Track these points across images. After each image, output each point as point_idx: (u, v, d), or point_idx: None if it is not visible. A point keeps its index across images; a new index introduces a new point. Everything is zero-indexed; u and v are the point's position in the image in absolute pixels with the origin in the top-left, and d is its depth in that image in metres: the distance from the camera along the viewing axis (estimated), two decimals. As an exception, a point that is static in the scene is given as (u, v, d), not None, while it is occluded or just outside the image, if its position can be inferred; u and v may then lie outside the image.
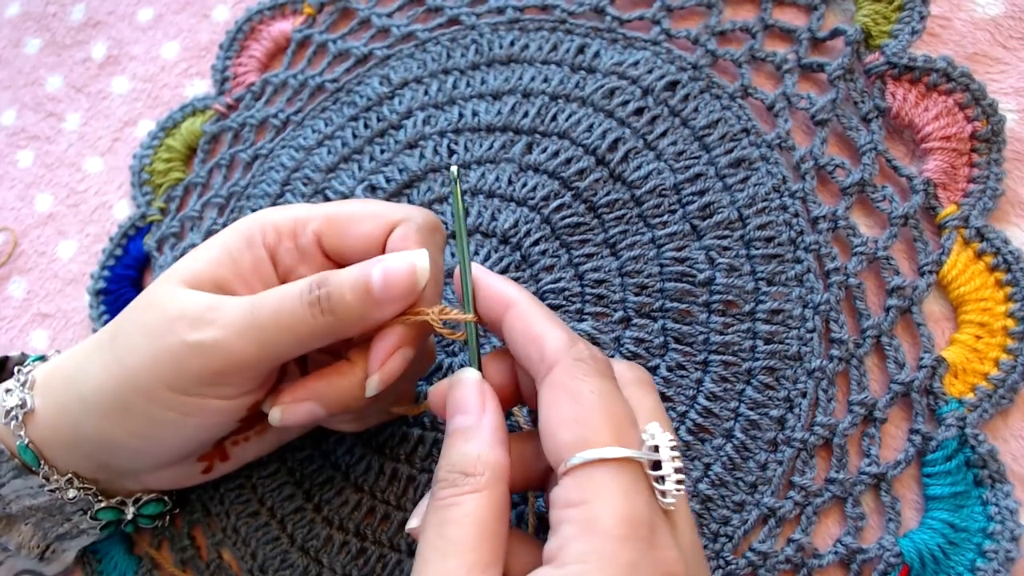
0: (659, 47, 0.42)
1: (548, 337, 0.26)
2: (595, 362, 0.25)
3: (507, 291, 0.27)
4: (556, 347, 0.25)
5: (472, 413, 0.26)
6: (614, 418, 0.24)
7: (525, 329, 0.26)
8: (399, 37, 0.48)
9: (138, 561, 0.40)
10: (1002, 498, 0.31)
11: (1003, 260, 0.34)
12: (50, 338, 0.49)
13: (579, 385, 0.24)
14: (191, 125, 0.51)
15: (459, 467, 0.25)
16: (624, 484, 0.23)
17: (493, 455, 0.25)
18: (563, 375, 0.25)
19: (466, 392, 0.27)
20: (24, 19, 0.59)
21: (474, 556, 0.23)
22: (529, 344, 0.26)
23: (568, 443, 0.23)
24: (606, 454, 0.23)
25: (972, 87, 0.36)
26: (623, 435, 0.23)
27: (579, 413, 0.24)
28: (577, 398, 0.24)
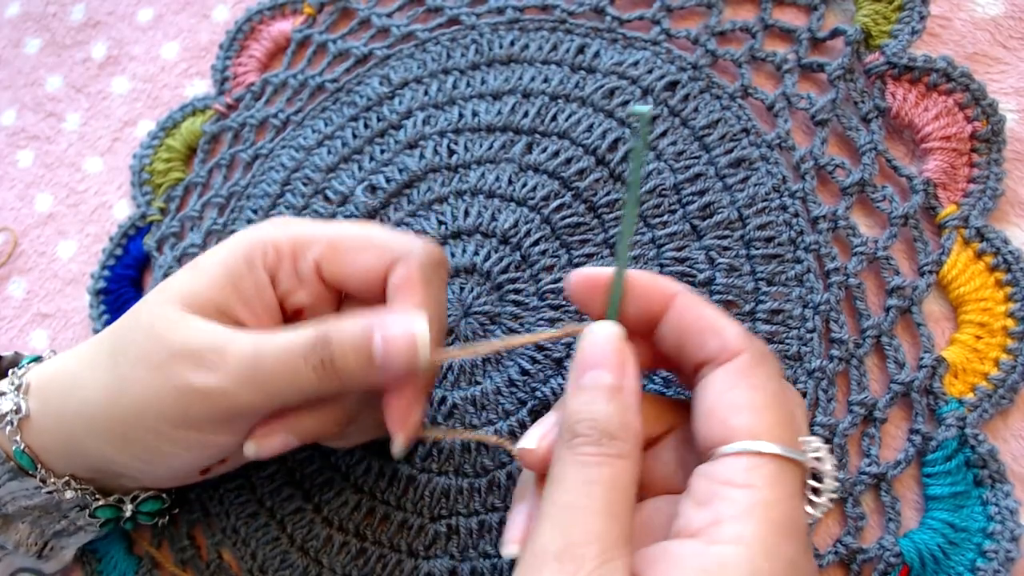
0: (659, 47, 0.42)
1: (729, 327, 0.25)
2: (774, 361, 0.25)
3: (668, 282, 0.27)
4: (739, 336, 0.25)
5: (613, 372, 0.25)
6: (790, 421, 0.24)
7: (701, 316, 0.26)
8: (399, 37, 0.48)
9: (138, 561, 0.40)
10: (1002, 498, 0.31)
11: (1003, 260, 0.34)
12: (50, 338, 0.49)
13: (761, 378, 0.24)
14: (191, 125, 0.51)
15: (603, 426, 0.24)
16: (793, 485, 0.23)
17: (635, 422, 0.25)
18: (747, 364, 0.24)
19: (608, 347, 0.26)
20: (24, 19, 0.59)
21: (624, 524, 0.23)
22: (705, 332, 0.25)
23: (741, 428, 0.23)
24: (782, 451, 0.23)
25: (972, 87, 0.36)
26: (792, 437, 0.23)
27: (758, 403, 0.24)
28: (758, 389, 0.24)
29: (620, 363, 0.25)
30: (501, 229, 0.39)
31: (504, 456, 0.36)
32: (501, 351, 0.29)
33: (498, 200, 0.40)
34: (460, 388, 0.38)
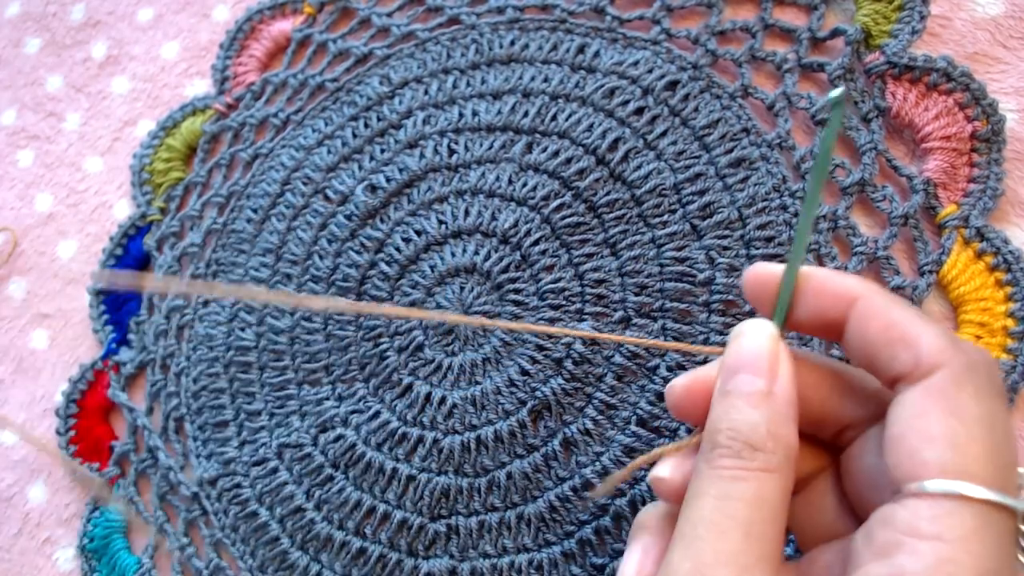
0: (659, 47, 0.42)
1: (925, 336, 0.21)
2: (989, 378, 0.21)
3: (849, 283, 0.23)
4: (939, 348, 0.21)
5: (763, 376, 0.22)
6: (997, 453, 0.19)
7: (889, 323, 0.22)
8: (399, 37, 0.48)
9: (138, 561, 0.40)
10: (1002, 498, 0.31)
11: (1003, 260, 0.34)
12: (50, 338, 0.49)
13: (967, 402, 0.20)
14: (191, 125, 0.51)
15: (746, 437, 0.21)
16: (994, 536, 0.19)
17: (786, 433, 0.21)
18: (948, 384, 0.20)
19: (758, 348, 0.23)
20: (24, 19, 0.59)
21: (761, 544, 0.20)
22: (896, 342, 0.21)
23: (933, 464, 0.19)
24: (980, 493, 0.19)
25: (972, 87, 0.36)
26: (1005, 477, 0.19)
27: (958, 435, 0.19)
28: (960, 416, 0.20)
29: (772, 366, 0.22)
30: (501, 229, 0.39)
31: (504, 456, 0.36)
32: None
33: (498, 200, 0.40)
34: (460, 388, 0.38)
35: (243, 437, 0.42)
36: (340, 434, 0.39)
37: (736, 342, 0.23)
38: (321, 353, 0.41)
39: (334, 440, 0.39)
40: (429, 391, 0.38)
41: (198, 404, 0.44)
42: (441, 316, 0.32)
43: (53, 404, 0.47)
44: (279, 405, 0.41)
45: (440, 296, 0.39)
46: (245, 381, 0.43)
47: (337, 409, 0.40)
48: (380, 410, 0.39)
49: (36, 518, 0.45)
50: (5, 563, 0.44)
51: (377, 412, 0.39)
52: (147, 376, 0.46)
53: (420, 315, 0.37)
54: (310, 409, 0.40)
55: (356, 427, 0.39)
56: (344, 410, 0.39)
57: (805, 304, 0.23)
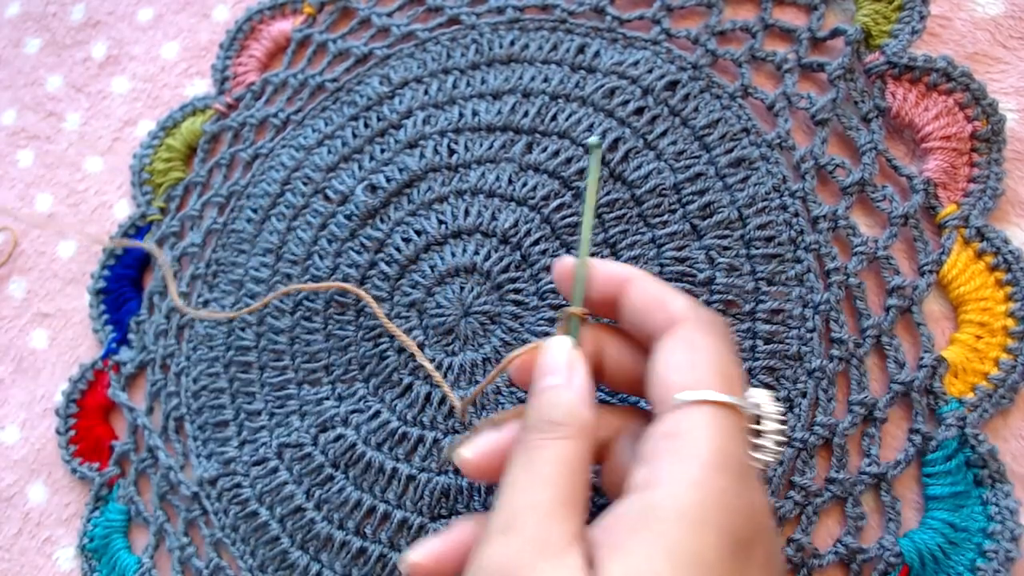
0: (659, 47, 0.42)
1: (675, 300, 0.27)
2: (715, 324, 0.26)
3: (624, 268, 0.29)
4: (683, 306, 0.27)
5: (561, 374, 0.27)
6: (726, 371, 0.25)
7: (648, 293, 0.27)
8: (399, 37, 0.48)
9: (138, 561, 0.40)
10: (1002, 498, 0.31)
11: (1003, 260, 0.34)
12: (50, 338, 0.49)
13: (699, 339, 0.25)
14: (191, 125, 0.51)
15: (548, 416, 0.26)
16: (723, 424, 0.23)
17: (583, 412, 0.26)
18: (687, 330, 0.26)
19: (557, 356, 0.27)
20: (24, 19, 0.59)
21: (563, 491, 0.24)
22: (654, 308, 0.27)
23: (677, 384, 0.24)
24: (710, 396, 0.24)
25: (972, 87, 0.36)
26: (731, 386, 0.24)
27: (694, 360, 0.25)
28: (694, 348, 0.25)
29: (569, 367, 0.27)
30: (501, 229, 0.39)
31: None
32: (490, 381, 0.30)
33: (498, 200, 0.40)
34: (459, 388, 0.38)
35: (243, 437, 0.42)
36: (340, 434, 0.39)
37: (542, 356, 0.28)
38: (321, 353, 0.41)
39: (334, 440, 0.39)
40: (429, 391, 0.38)
41: (198, 404, 0.44)
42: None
43: (53, 404, 0.47)
44: (279, 405, 0.41)
45: (440, 296, 0.39)
46: (245, 381, 0.43)
47: (337, 409, 0.40)
48: (380, 410, 0.39)
49: (36, 518, 0.45)
50: (5, 563, 0.44)
51: (377, 412, 0.39)
52: (147, 376, 0.46)
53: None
54: (310, 409, 0.40)
55: (356, 427, 0.39)
56: (344, 410, 0.39)
57: (596, 289, 0.29)
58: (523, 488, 0.24)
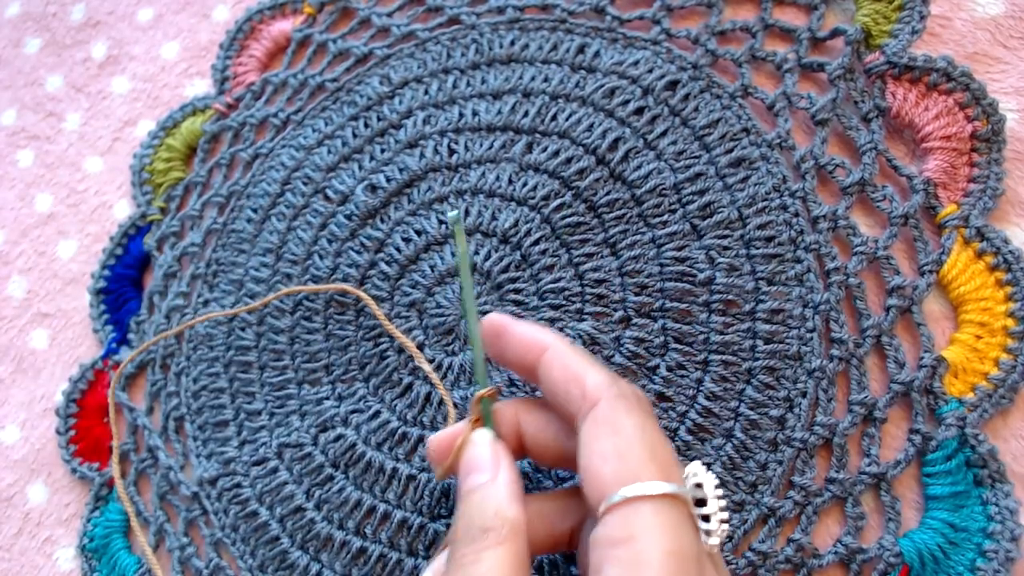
0: (659, 47, 0.42)
1: (590, 375, 0.26)
2: (637, 399, 0.25)
3: (540, 335, 0.28)
4: (598, 383, 0.25)
5: (486, 471, 0.26)
6: (658, 454, 0.23)
7: (564, 368, 0.26)
8: (399, 37, 0.48)
9: (138, 561, 0.40)
10: (1002, 498, 0.31)
11: (1003, 260, 0.34)
12: (50, 338, 0.49)
13: (622, 420, 0.24)
14: (191, 125, 0.51)
15: (477, 523, 0.25)
16: (671, 520, 0.22)
17: (511, 510, 0.25)
18: (606, 410, 0.24)
19: (480, 451, 0.27)
20: (24, 19, 0.59)
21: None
22: (570, 382, 0.26)
23: (611, 478, 0.23)
24: (651, 489, 0.22)
25: (972, 87, 0.36)
26: (667, 471, 0.23)
27: (622, 448, 0.23)
28: (620, 432, 0.24)
29: (493, 462, 0.27)
30: (501, 229, 0.39)
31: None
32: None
33: (498, 200, 0.40)
34: (460, 388, 0.38)
35: (243, 437, 0.42)
36: (340, 434, 0.39)
37: (465, 452, 0.28)
38: (321, 353, 0.41)
39: (334, 440, 0.39)
40: (429, 391, 0.38)
41: (198, 404, 0.44)
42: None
43: (53, 404, 0.47)
44: (279, 405, 0.41)
45: (440, 296, 0.39)
46: (245, 381, 0.43)
47: (337, 409, 0.40)
48: (380, 410, 0.39)
49: (36, 518, 0.45)
50: (5, 563, 0.44)
51: (377, 412, 0.39)
52: (147, 376, 0.46)
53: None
54: (310, 409, 0.40)
55: (356, 427, 0.39)
56: (344, 410, 0.39)
57: (509, 351, 0.28)
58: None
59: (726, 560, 0.33)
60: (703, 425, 0.35)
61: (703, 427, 0.35)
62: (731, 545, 0.33)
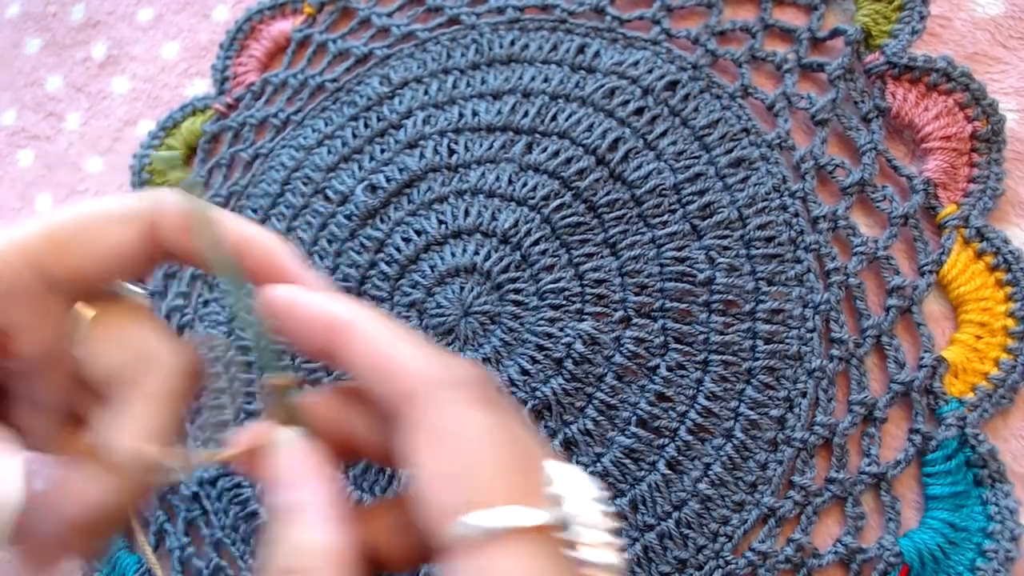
0: (659, 47, 0.42)
1: (407, 362, 0.19)
2: (473, 387, 0.19)
3: (337, 308, 0.20)
4: (415, 372, 0.19)
5: (295, 486, 0.19)
6: (508, 465, 0.18)
7: (372, 357, 0.19)
8: (399, 37, 0.48)
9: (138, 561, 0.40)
10: (1002, 498, 0.31)
11: (1003, 260, 0.34)
12: (50, 338, 0.49)
13: (458, 423, 0.18)
14: (191, 125, 0.51)
15: (289, 564, 0.18)
16: (533, 560, 0.16)
17: (329, 539, 0.18)
18: (432, 412, 0.18)
19: (285, 461, 0.20)
20: (24, 19, 0.59)
21: None
22: (381, 376, 0.19)
23: (449, 508, 0.17)
24: (505, 520, 0.16)
25: (972, 87, 0.36)
26: (524, 487, 0.17)
27: (459, 464, 0.17)
28: (456, 442, 0.18)
29: (301, 473, 0.19)
30: (501, 229, 0.39)
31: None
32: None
33: (498, 200, 0.40)
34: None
35: (243, 437, 0.42)
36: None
37: (268, 461, 0.20)
38: (321, 353, 0.41)
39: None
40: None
41: (198, 404, 0.44)
42: None
43: (53, 404, 0.47)
44: (279, 405, 0.41)
45: (440, 296, 0.39)
46: (245, 381, 0.43)
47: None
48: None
49: (36, 518, 0.45)
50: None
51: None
52: (147, 376, 0.45)
53: None
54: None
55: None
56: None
57: (299, 334, 0.21)
58: None
59: (725, 560, 0.33)
60: (703, 425, 0.35)
61: (703, 427, 0.35)
62: (731, 545, 0.33)
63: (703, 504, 0.34)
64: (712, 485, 0.34)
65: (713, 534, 0.33)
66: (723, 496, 0.34)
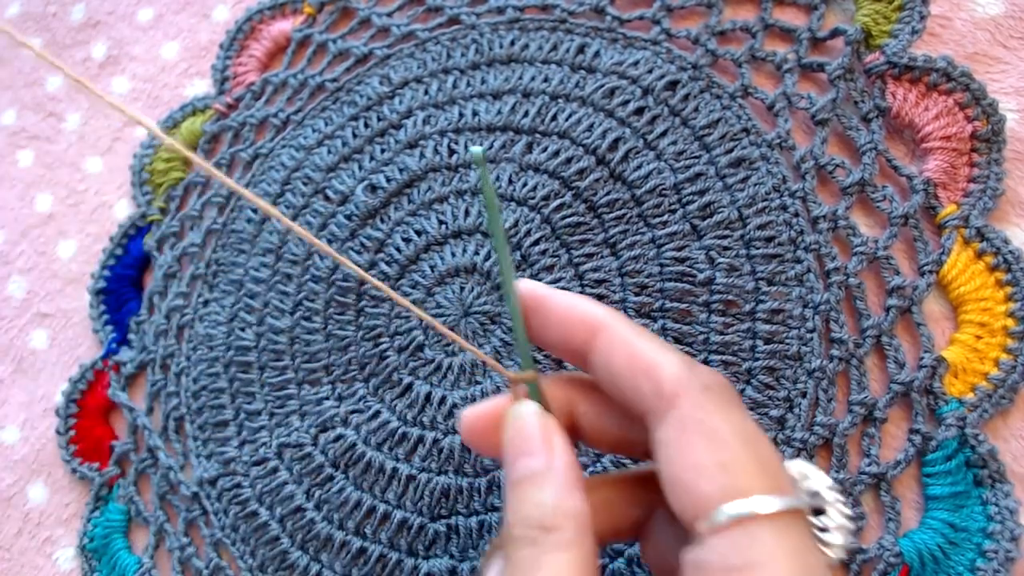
0: (659, 47, 0.42)
1: (663, 365, 0.21)
2: (724, 390, 0.21)
3: (592, 310, 0.23)
4: (676, 375, 0.21)
5: (539, 455, 0.22)
6: (763, 460, 0.20)
7: (628, 356, 0.22)
8: (399, 37, 0.48)
9: (138, 561, 0.40)
10: (1002, 498, 0.31)
11: (1003, 260, 0.34)
12: (50, 338, 0.49)
13: (715, 422, 0.20)
14: (191, 125, 0.51)
15: (536, 521, 0.21)
16: (794, 542, 0.19)
17: (572, 502, 0.21)
18: (693, 410, 0.21)
19: (528, 429, 0.23)
20: (24, 19, 0.59)
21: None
22: (638, 375, 0.22)
23: (714, 495, 0.19)
24: (766, 507, 0.19)
25: (972, 87, 0.36)
26: (777, 480, 0.20)
27: (721, 457, 0.20)
28: (715, 438, 0.20)
29: (545, 442, 0.23)
30: (501, 229, 0.39)
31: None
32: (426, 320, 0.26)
33: (498, 200, 0.40)
34: (460, 388, 0.38)
35: (243, 437, 0.42)
36: (340, 434, 0.39)
37: (508, 430, 0.23)
38: (321, 353, 0.41)
39: (334, 440, 0.39)
40: (429, 391, 0.38)
41: (198, 404, 0.44)
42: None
43: (53, 404, 0.47)
44: (279, 405, 0.41)
45: (440, 296, 0.39)
46: (245, 381, 0.43)
47: (337, 409, 0.40)
48: (380, 410, 0.39)
49: (36, 518, 0.45)
50: (5, 563, 0.44)
51: (377, 412, 0.39)
52: (147, 376, 0.46)
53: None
54: (310, 409, 0.40)
55: (356, 427, 0.39)
56: (344, 410, 0.39)
57: (550, 330, 0.24)
58: None
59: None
60: (703, 425, 0.35)
61: (703, 427, 0.35)
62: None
63: (703, 504, 0.34)
64: (712, 485, 0.34)
65: (713, 534, 0.33)
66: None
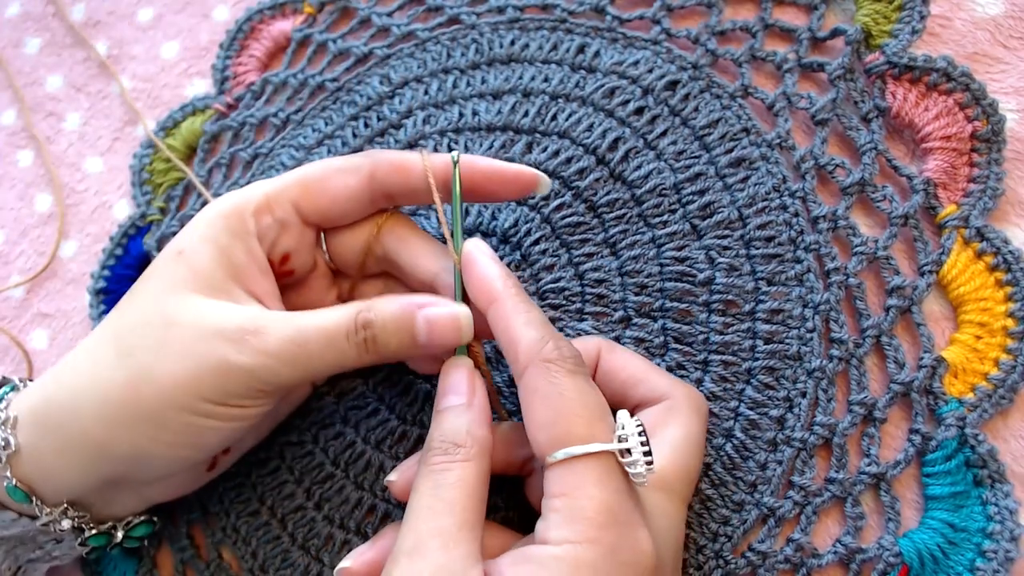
0: (659, 47, 0.42)
1: (521, 340, 0.28)
2: (564, 361, 0.27)
3: (492, 285, 0.29)
4: (527, 349, 0.27)
5: (463, 395, 0.29)
6: (584, 414, 0.26)
7: (504, 329, 0.28)
8: (399, 36, 0.48)
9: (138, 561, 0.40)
10: (1002, 498, 0.31)
11: (1003, 260, 0.34)
12: (50, 338, 0.49)
13: (549, 387, 0.27)
14: (191, 125, 0.51)
15: (451, 438, 0.28)
16: (600, 474, 0.25)
17: (481, 431, 0.28)
18: (534, 378, 0.27)
19: (460, 377, 0.30)
20: (24, 19, 0.59)
21: (463, 516, 0.26)
22: (506, 345, 0.28)
23: (547, 443, 0.26)
24: (580, 451, 0.25)
25: (972, 87, 0.36)
26: (594, 429, 0.26)
27: (551, 415, 0.26)
28: (548, 400, 0.26)
29: (470, 388, 0.30)
30: (501, 228, 0.40)
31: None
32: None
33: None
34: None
35: (243, 437, 0.42)
36: (339, 431, 0.39)
37: (444, 375, 0.30)
38: (321, 353, 0.41)
39: (334, 437, 0.39)
40: (429, 389, 0.38)
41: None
42: None
43: (53, 404, 0.47)
44: (279, 405, 0.41)
45: (440, 296, 0.39)
46: None
47: (336, 406, 0.40)
48: (379, 408, 0.39)
49: (36, 518, 0.45)
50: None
51: (376, 409, 0.39)
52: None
53: None
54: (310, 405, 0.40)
55: (355, 424, 0.39)
56: (343, 407, 0.39)
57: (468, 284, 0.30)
58: (428, 513, 0.26)
59: (725, 560, 0.33)
60: (703, 425, 0.35)
61: (703, 427, 0.35)
62: (731, 545, 0.33)
63: (703, 504, 0.34)
64: (712, 485, 0.34)
65: (713, 534, 0.33)
66: (723, 496, 0.34)
